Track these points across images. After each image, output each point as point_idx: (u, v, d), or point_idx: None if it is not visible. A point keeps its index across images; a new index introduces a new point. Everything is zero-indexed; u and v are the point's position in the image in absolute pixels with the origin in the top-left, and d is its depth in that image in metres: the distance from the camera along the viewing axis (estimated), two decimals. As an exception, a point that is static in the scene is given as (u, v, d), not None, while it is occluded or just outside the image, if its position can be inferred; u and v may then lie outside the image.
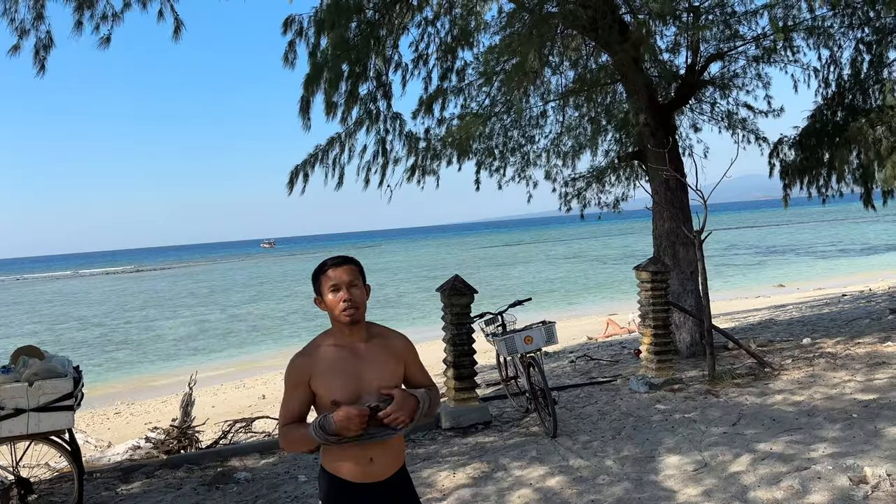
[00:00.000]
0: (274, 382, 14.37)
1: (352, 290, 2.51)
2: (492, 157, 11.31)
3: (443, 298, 7.17)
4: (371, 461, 2.51)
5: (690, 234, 8.79)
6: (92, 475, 6.27)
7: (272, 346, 22.69)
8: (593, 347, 12.72)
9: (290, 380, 2.55)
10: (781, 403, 6.69)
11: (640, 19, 9.38)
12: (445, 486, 5.30)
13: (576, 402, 7.69)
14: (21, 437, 4.95)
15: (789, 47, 10.21)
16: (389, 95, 9.60)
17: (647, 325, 8.21)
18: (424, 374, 2.76)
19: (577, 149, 11.96)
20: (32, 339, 26.30)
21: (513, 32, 9.52)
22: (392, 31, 9.34)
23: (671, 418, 6.57)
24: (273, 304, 36.46)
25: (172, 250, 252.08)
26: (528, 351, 6.80)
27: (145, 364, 21.16)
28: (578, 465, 5.48)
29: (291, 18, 8.76)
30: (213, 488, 5.78)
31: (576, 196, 12.05)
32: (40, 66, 7.29)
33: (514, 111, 10.63)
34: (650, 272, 8.12)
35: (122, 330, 29.63)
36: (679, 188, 9.55)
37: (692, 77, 10.01)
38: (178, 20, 7.66)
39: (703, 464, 5.23)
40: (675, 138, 9.97)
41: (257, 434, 8.11)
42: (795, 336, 10.49)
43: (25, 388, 4.84)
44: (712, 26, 9.68)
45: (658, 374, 8.03)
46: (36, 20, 7.13)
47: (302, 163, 9.42)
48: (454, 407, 7.09)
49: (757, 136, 11.30)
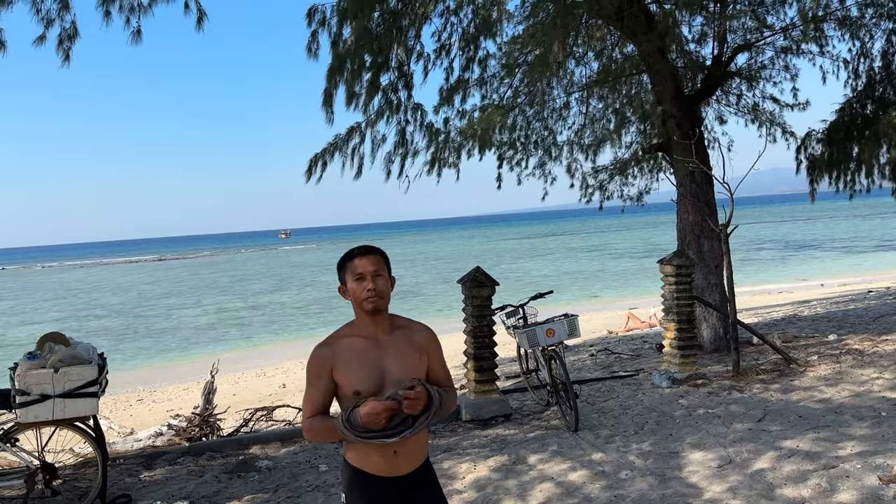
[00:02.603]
0: (294, 371, 14.46)
1: (376, 279, 2.48)
2: (513, 150, 11.23)
3: (464, 290, 7.14)
4: (395, 454, 2.49)
5: (716, 228, 8.67)
6: (115, 461, 6.34)
7: (292, 335, 22.86)
8: (614, 341, 12.63)
9: (312, 370, 2.53)
10: (808, 400, 6.58)
11: (667, 9, 9.26)
12: (467, 479, 5.28)
13: (597, 396, 7.63)
14: (46, 422, 4.99)
15: (818, 38, 10.00)
16: (411, 86, 9.55)
17: (670, 319, 8.12)
18: (445, 372, 2.71)
19: (600, 140, 11.84)
20: (58, 325, 26.72)
21: (536, 22, 9.42)
22: (414, 21, 9.28)
23: (694, 414, 6.49)
24: (293, 293, 36.70)
25: (193, 240, 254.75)
26: (549, 344, 6.75)
27: (167, 351, 21.41)
28: (601, 460, 5.43)
29: (315, 8, 8.74)
30: (234, 476, 5.81)
31: (598, 188, 11.95)
32: (65, 56, 7.33)
33: (537, 102, 10.55)
34: (674, 266, 8.02)
35: (145, 318, 29.98)
36: (705, 181, 9.42)
37: (719, 68, 9.85)
38: (200, 10, 7.66)
39: (727, 460, 5.16)
40: (701, 130, 9.83)
41: (278, 423, 8.15)
42: (821, 332, 10.33)
43: (51, 374, 4.88)
44: (740, 16, 9.52)
45: (681, 368, 7.94)
46: (61, 10, 7.15)
47: (321, 151, 9.42)
48: (474, 399, 7.06)
49: (784, 129, 11.12)
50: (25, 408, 4.84)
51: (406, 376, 2.46)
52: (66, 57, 7.33)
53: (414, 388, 2.38)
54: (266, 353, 19.27)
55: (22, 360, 5.00)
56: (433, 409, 2.44)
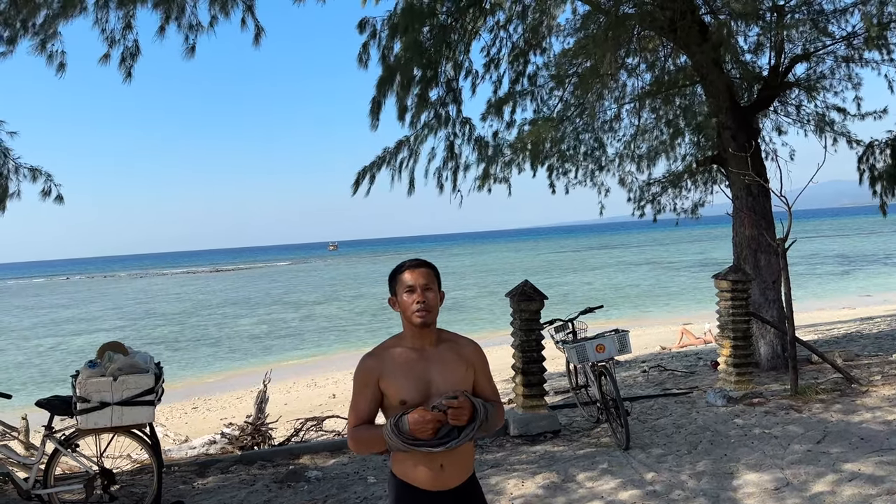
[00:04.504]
0: (344, 382, 14.59)
1: (426, 293, 2.51)
2: (563, 161, 11.15)
3: (512, 304, 7.10)
4: (441, 468, 2.49)
5: (773, 242, 8.43)
6: (170, 468, 6.49)
7: (342, 345, 23.09)
8: (667, 357, 12.37)
9: (359, 380, 2.55)
10: (870, 421, 6.32)
11: (721, 20, 9.09)
12: (514, 495, 5.23)
13: (649, 414, 7.48)
14: (105, 429, 5.15)
15: (883, 45, 9.65)
16: (459, 101, 9.59)
17: (726, 335, 7.92)
18: (492, 386, 2.71)
19: (652, 153, 11.66)
20: (117, 334, 27.61)
21: (587, 35, 9.37)
22: (464, 36, 9.33)
23: (751, 433, 6.30)
24: (343, 304, 37.12)
25: (245, 252, 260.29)
26: (599, 360, 6.65)
27: (221, 361, 21.87)
28: (652, 479, 5.31)
29: (365, 21, 8.87)
30: (284, 486, 5.88)
31: (651, 201, 11.75)
32: (126, 73, 7.63)
33: (588, 115, 10.46)
34: (730, 281, 7.83)
35: (201, 327, 30.71)
36: (762, 194, 9.18)
37: (776, 78, 9.61)
38: (258, 27, 7.88)
39: (784, 482, 4.98)
40: (758, 142, 9.58)
41: (328, 433, 8.23)
42: (885, 350, 9.93)
43: (110, 382, 5.03)
44: (798, 25, 9.27)
45: (737, 387, 7.73)
46: (125, 29, 7.45)
47: (370, 164, 9.51)
48: (522, 414, 7.00)
49: (849, 138, 10.75)
50: (85, 414, 5.00)
51: (452, 388, 2.48)
52: (128, 74, 7.63)
53: (458, 398, 2.39)
54: (317, 364, 19.51)
55: (83, 368, 5.17)
56: (478, 420, 2.46)
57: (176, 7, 7.35)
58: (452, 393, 2.44)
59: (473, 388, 2.62)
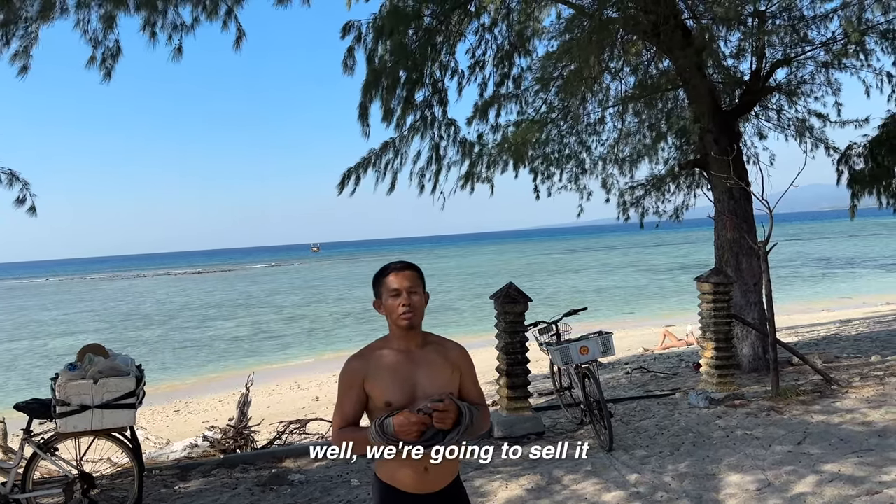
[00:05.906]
0: (328, 385, 14.52)
1: (412, 296, 2.50)
2: (547, 164, 11.18)
3: (496, 306, 7.10)
4: (426, 471, 2.48)
5: (755, 245, 8.52)
6: (151, 472, 6.42)
7: (326, 348, 22.98)
8: (649, 359, 12.45)
9: (345, 382, 2.54)
10: (850, 423, 6.39)
11: (704, 24, 9.17)
12: (499, 497, 5.23)
13: (632, 416, 7.51)
14: (85, 432, 5.09)
15: (861, 51, 9.78)
16: (445, 102, 9.60)
17: (708, 338, 7.98)
18: (478, 390, 2.70)
19: (635, 156, 11.73)
20: (97, 336, 27.29)
21: (572, 38, 9.41)
22: (449, 38, 9.34)
23: (732, 435, 6.35)
24: (326, 306, 36.95)
25: (227, 253, 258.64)
26: (583, 361, 6.67)
27: (204, 363, 21.69)
28: (636, 481, 5.33)
29: (350, 24, 8.85)
30: (267, 489, 5.84)
31: (634, 204, 11.82)
32: (106, 73, 7.55)
33: (572, 117, 10.50)
34: (712, 283, 7.89)
35: (183, 329, 30.45)
36: (743, 197, 9.27)
37: (757, 83, 9.71)
38: (240, 30, 7.83)
39: (766, 483, 5.03)
40: (739, 146, 9.68)
41: (311, 436, 8.18)
42: (863, 352, 10.05)
43: (90, 385, 4.97)
44: (779, 31, 9.38)
45: (719, 388, 7.79)
46: (106, 30, 7.37)
47: (355, 165, 9.50)
48: (507, 415, 7.00)
49: (826, 144, 10.89)
50: (65, 418, 4.94)
51: (437, 391, 2.47)
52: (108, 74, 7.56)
53: (443, 401, 2.39)
54: (300, 366, 19.41)
55: (63, 371, 5.11)
56: (464, 424, 2.45)
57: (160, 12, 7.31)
58: (438, 396, 2.43)
59: (459, 392, 2.61)
